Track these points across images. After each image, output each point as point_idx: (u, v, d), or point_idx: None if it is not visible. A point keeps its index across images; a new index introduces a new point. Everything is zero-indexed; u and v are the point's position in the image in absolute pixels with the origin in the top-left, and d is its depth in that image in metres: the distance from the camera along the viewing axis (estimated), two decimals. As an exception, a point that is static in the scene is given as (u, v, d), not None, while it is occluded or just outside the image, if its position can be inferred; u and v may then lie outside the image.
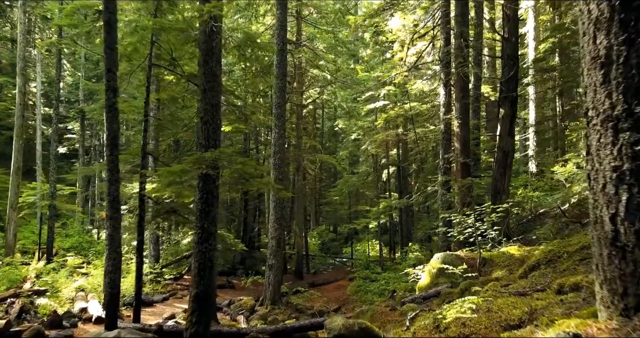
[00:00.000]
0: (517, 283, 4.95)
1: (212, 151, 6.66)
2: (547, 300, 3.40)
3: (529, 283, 4.71)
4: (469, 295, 6.22)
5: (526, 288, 4.40)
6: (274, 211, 14.47)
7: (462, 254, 8.65)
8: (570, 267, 4.94)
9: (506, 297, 4.01)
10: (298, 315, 14.30)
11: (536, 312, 3.12)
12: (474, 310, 3.71)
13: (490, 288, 5.20)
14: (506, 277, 6.83)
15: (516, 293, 4.11)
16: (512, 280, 5.70)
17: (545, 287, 4.19)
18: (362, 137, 27.87)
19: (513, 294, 4.14)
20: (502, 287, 5.02)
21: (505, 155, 12.38)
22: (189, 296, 6.81)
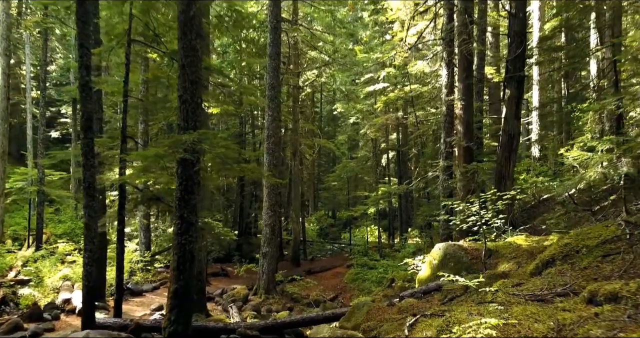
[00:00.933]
0: (531, 283, 4.35)
1: (190, 133, 6.01)
2: (575, 311, 2.80)
3: (546, 283, 4.11)
4: (474, 294, 5.64)
5: (544, 291, 3.80)
6: (268, 197, 13.87)
7: (465, 245, 8.06)
8: (591, 264, 4.34)
9: (523, 304, 3.41)
10: (293, 304, 13.83)
11: (565, 328, 2.52)
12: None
13: (501, 287, 4.60)
14: (515, 271, 6.24)
15: (534, 298, 3.52)
16: (524, 278, 5.10)
17: (567, 290, 3.59)
18: (361, 121, 27.16)
19: (530, 299, 3.54)
20: (513, 287, 4.42)
21: (511, 139, 11.72)
22: (167, 292, 6.24)
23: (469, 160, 12.04)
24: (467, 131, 12.08)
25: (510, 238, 8.43)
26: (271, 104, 13.80)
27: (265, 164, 13.98)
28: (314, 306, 13.76)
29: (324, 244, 28.48)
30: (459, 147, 12.17)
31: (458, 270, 7.65)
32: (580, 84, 23.17)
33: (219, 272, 17.72)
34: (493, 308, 3.35)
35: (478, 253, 7.78)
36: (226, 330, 7.63)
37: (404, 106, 22.92)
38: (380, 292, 14.70)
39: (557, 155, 21.76)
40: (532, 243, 7.58)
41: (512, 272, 6.21)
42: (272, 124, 13.89)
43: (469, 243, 8.18)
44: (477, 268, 7.51)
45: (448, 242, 8.25)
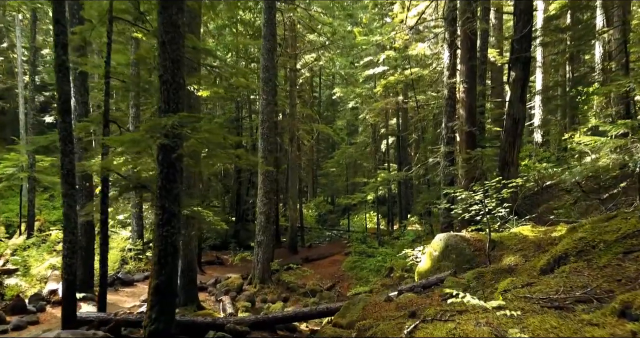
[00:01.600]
0: (544, 283, 3.89)
1: (169, 116, 5.50)
2: (606, 326, 2.35)
3: (561, 284, 3.65)
4: (479, 290, 5.20)
5: (560, 294, 3.34)
6: (262, 185, 13.40)
7: (467, 235, 7.61)
8: (611, 262, 3.88)
9: (539, 312, 2.95)
10: (289, 294, 13.47)
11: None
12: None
13: (509, 287, 4.15)
14: (522, 266, 5.79)
15: (550, 305, 3.06)
16: (534, 276, 4.65)
17: (588, 295, 3.13)
18: (361, 106, 26.57)
19: (546, 305, 3.09)
20: (523, 287, 3.97)
21: (516, 124, 11.20)
22: (148, 287, 5.81)
23: (471, 146, 11.55)
24: (469, 115, 11.56)
25: (515, 228, 7.98)
26: (266, 87, 13.24)
27: (260, 150, 13.49)
28: (310, 296, 13.41)
29: (323, 231, 28.13)
30: (461, 132, 11.67)
31: (460, 262, 7.23)
32: (585, 67, 22.54)
33: (214, 260, 17.36)
34: (505, 318, 2.90)
35: (481, 245, 7.34)
36: (214, 325, 7.23)
37: (404, 90, 22.32)
38: (378, 282, 14.36)
39: (560, 141, 21.27)
40: (539, 234, 7.14)
41: (519, 267, 5.76)
42: (267, 108, 13.35)
43: (472, 234, 7.74)
44: (480, 261, 7.09)
45: (449, 233, 7.81)
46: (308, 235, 27.07)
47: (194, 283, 10.58)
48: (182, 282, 10.39)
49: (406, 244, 15.86)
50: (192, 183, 10.39)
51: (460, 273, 6.95)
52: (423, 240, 16.11)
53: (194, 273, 10.49)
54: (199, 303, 10.74)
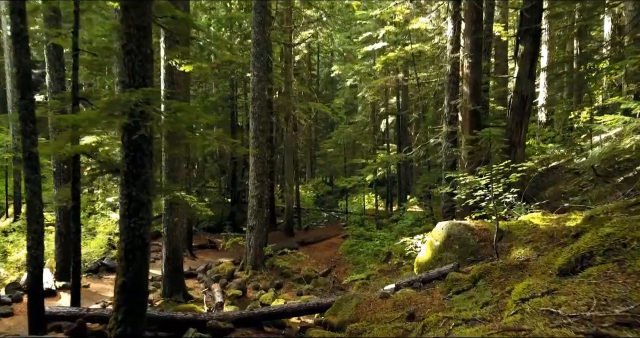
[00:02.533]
0: (569, 290, 3.23)
1: (131, 92, 4.76)
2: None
3: (592, 294, 2.99)
4: (487, 290, 4.56)
5: (594, 311, 2.68)
6: (254, 167, 12.70)
7: (472, 224, 6.96)
8: (651, 266, 3.21)
9: (574, 343, 2.30)
10: (282, 280, 12.93)
11: None
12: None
13: (526, 294, 3.48)
14: (535, 262, 5.14)
15: (587, 332, 2.40)
16: (553, 279, 3.99)
17: (632, 316, 2.48)
18: (359, 83, 25.65)
19: (580, 330, 2.43)
20: (543, 295, 3.30)
21: (524, 101, 10.46)
22: (114, 286, 5.17)
23: (475, 126, 10.81)
24: (474, 92, 10.79)
25: (523, 216, 7.33)
26: (257, 63, 12.40)
27: (251, 130, 12.75)
28: (304, 282, 12.86)
29: (320, 213, 27.58)
30: (465, 111, 10.91)
31: (463, 254, 6.60)
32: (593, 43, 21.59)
33: (207, 244, 16.79)
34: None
35: (487, 235, 6.69)
36: (195, 322, 6.64)
37: (405, 67, 21.41)
38: (375, 268, 13.80)
39: (566, 120, 20.48)
40: (551, 223, 6.48)
41: (531, 263, 5.11)
42: (258, 85, 12.54)
43: (476, 222, 7.08)
44: (485, 252, 6.45)
45: (452, 221, 7.15)
46: (306, 216, 26.51)
47: (180, 272, 9.99)
48: (166, 270, 9.81)
49: (405, 228, 15.28)
50: (176, 166, 9.70)
51: (464, 266, 6.33)
52: (423, 224, 15.52)
53: (179, 261, 9.89)
54: (185, 292, 10.18)
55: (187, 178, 14.87)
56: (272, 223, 20.74)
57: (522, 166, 6.64)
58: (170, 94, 9.51)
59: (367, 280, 12.03)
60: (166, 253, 9.74)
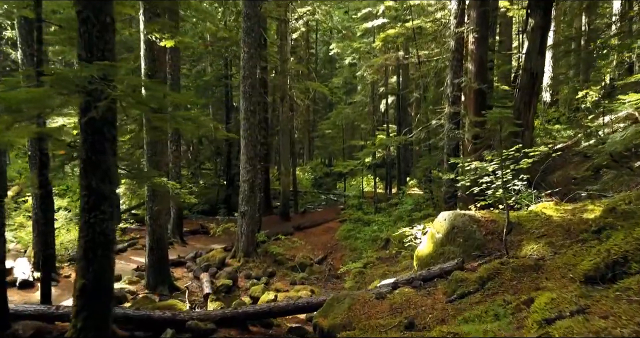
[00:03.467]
0: (607, 310, 2.61)
1: (85, 66, 4.05)
2: None
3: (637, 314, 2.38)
4: (501, 296, 3.93)
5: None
6: (245, 149, 12.02)
7: (477, 215, 6.32)
8: None
9: None
10: (276, 268, 12.39)
11: None
12: None
13: (551, 310, 2.86)
14: (552, 260, 4.52)
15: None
16: (581, 290, 3.36)
17: None
18: (359, 62, 24.75)
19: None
20: (573, 315, 2.69)
21: (533, 79, 9.72)
22: (73, 289, 4.56)
23: (480, 106, 10.09)
24: (479, 70, 10.03)
25: (534, 205, 6.69)
26: (247, 39, 11.59)
27: (242, 111, 12.02)
28: (298, 270, 12.34)
29: (318, 196, 27.00)
30: (469, 90, 10.18)
31: (468, 248, 5.98)
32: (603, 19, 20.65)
33: (198, 229, 16.21)
34: None
35: (494, 227, 6.06)
36: (174, 321, 6.07)
37: (405, 45, 20.53)
38: (373, 255, 13.26)
39: (573, 100, 19.72)
40: (565, 215, 5.85)
41: (547, 262, 4.49)
42: (249, 63, 11.77)
43: (482, 212, 6.44)
44: (493, 247, 5.83)
45: (456, 211, 6.51)
46: (303, 199, 25.95)
47: (165, 262, 9.42)
48: (150, 260, 9.24)
49: (404, 213, 14.69)
50: (159, 150, 9.02)
51: (469, 262, 5.72)
52: (423, 208, 14.92)
53: (164, 251, 9.31)
54: (171, 283, 9.63)
55: (177, 161, 14.20)
56: (267, 207, 20.18)
57: (535, 151, 5.98)
58: (151, 72, 8.78)
59: (364, 268, 11.51)
60: (149, 242, 9.15)
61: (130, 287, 9.26)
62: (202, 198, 23.50)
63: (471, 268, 5.48)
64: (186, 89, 22.30)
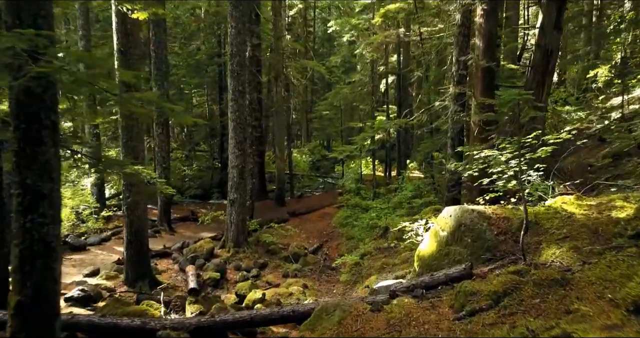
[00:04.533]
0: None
1: (5, 36, 3.23)
2: None
3: None
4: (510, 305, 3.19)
5: None
6: (233, 133, 11.20)
7: (487, 211, 5.55)
8: None
9: None
10: (268, 259, 11.72)
11: None
12: None
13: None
14: (583, 275, 3.75)
15: None
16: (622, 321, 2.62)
17: None
18: (357, 40, 23.65)
19: None
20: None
21: (547, 57, 8.84)
22: (8, 307, 3.82)
23: (488, 86, 9.24)
24: (488, 46, 9.13)
25: (551, 199, 5.92)
26: (234, 12, 10.65)
27: (229, 91, 11.15)
28: (292, 261, 11.66)
29: (315, 180, 26.24)
30: (477, 68, 9.29)
31: (477, 250, 5.23)
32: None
33: (188, 216, 15.48)
34: None
35: (507, 226, 5.30)
36: (143, 331, 5.37)
37: (406, 22, 19.47)
38: (371, 244, 12.57)
39: (582, 80, 18.80)
40: (590, 212, 5.08)
41: (577, 276, 3.74)
42: (237, 39, 10.85)
43: (493, 208, 5.67)
44: (506, 249, 5.08)
45: (463, 207, 5.74)
46: (300, 182, 25.22)
47: (145, 255, 8.71)
48: (128, 254, 8.53)
49: (404, 199, 13.95)
50: (134, 135, 8.20)
51: (479, 266, 4.99)
52: (424, 195, 14.18)
53: (144, 244, 8.59)
54: (153, 278, 8.94)
55: (163, 145, 13.39)
56: (262, 192, 19.45)
57: (556, 138, 5.17)
58: (124, 48, 7.90)
59: (361, 260, 10.83)
60: (127, 235, 8.43)
61: (108, 282, 8.57)
62: (195, 181, 22.78)
63: (481, 274, 4.75)
64: (177, 68, 21.31)
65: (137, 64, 8.15)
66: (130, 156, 8.22)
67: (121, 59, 7.91)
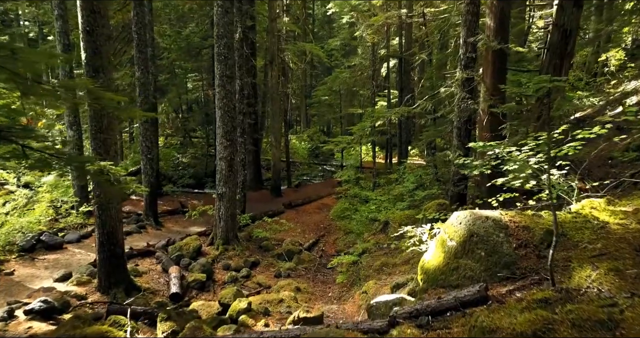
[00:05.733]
0: None
1: None
2: None
3: None
4: None
5: None
6: (221, 122, 10.34)
7: (504, 218, 4.72)
8: None
9: None
10: (260, 256, 10.98)
11: None
12: None
13: None
14: (635, 313, 2.94)
15: None
16: None
17: None
18: (357, 21, 22.58)
19: None
20: None
21: (566, 38, 7.91)
22: None
23: (500, 70, 8.35)
24: (500, 26, 8.21)
25: (577, 204, 5.08)
26: (220, -11, 9.70)
27: (216, 76, 10.24)
28: (285, 259, 10.94)
29: (314, 168, 25.41)
30: (487, 51, 8.38)
31: (492, 265, 4.43)
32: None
33: (178, 209, 14.67)
34: None
35: (528, 237, 4.48)
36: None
37: (408, 2, 18.42)
38: (370, 239, 11.79)
39: (593, 63, 17.80)
40: (627, 221, 4.26)
41: (627, 316, 2.93)
42: (224, 19, 9.91)
43: (511, 214, 4.83)
44: (528, 266, 4.26)
45: (475, 212, 4.90)
46: (298, 170, 24.44)
47: (120, 258, 7.92)
48: (101, 258, 7.75)
49: (405, 192, 13.13)
50: (104, 126, 7.34)
51: (495, 287, 4.19)
52: (427, 187, 13.35)
53: (118, 247, 7.79)
54: (130, 282, 8.17)
55: (147, 133, 12.53)
56: (257, 181, 18.66)
57: (589, 133, 4.31)
58: (90, 27, 7.00)
59: (359, 258, 10.08)
60: (99, 237, 7.63)
61: (79, 289, 7.81)
62: (189, 170, 21.96)
63: (499, 297, 3.95)
64: (168, 51, 20.29)
65: (106, 45, 7.24)
66: (101, 149, 7.39)
67: (86, 39, 7.01)
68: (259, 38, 20.74)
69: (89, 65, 7.16)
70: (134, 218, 12.91)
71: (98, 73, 7.18)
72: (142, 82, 12.15)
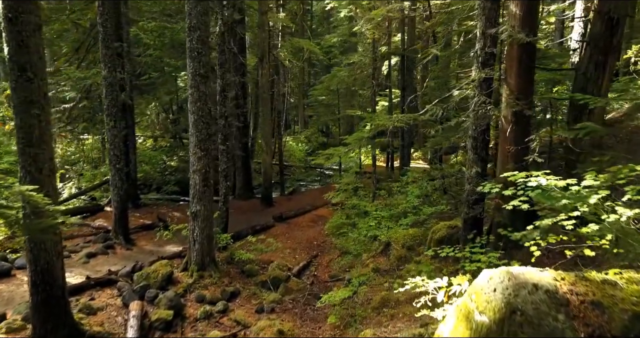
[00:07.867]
0: None
1: None
2: None
3: None
4: None
5: None
6: (194, 129, 8.84)
7: (561, 288, 3.20)
8: None
9: None
10: (242, 284, 9.49)
11: None
12: None
13: None
14: None
15: None
16: None
17: None
18: (356, 16, 21.08)
19: None
20: None
21: (611, 28, 6.41)
22: None
23: (527, 69, 6.85)
24: (528, 14, 6.70)
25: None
26: (193, -27, 8.19)
27: (189, 75, 8.75)
28: (270, 288, 9.45)
29: (311, 173, 23.93)
30: (512, 45, 6.87)
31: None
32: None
33: (154, 223, 13.13)
34: None
35: (602, 322, 2.97)
36: None
37: (413, -6, 16.90)
38: (369, 263, 10.31)
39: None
40: None
41: None
42: (197, 9, 8.40)
43: (569, 279, 3.30)
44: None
45: (515, 274, 3.38)
46: (294, 175, 22.98)
47: (59, 300, 6.44)
48: (35, 300, 6.26)
49: (409, 208, 11.61)
50: (35, 138, 5.85)
51: None
52: (433, 201, 11.85)
53: (55, 287, 6.31)
54: (74, 327, 6.69)
55: (115, 141, 11.05)
56: (247, 190, 17.17)
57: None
58: (13, 14, 5.53)
59: (356, 289, 8.63)
60: (32, 276, 6.16)
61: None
62: (176, 175, 20.47)
63: None
64: (151, 47, 18.76)
65: (35, 37, 5.76)
66: (32, 167, 5.90)
67: (9, 28, 5.55)
68: (251, 34, 19.26)
69: (14, 61, 5.69)
70: (101, 237, 11.41)
71: (25, 71, 5.71)
72: (109, 81, 10.66)
